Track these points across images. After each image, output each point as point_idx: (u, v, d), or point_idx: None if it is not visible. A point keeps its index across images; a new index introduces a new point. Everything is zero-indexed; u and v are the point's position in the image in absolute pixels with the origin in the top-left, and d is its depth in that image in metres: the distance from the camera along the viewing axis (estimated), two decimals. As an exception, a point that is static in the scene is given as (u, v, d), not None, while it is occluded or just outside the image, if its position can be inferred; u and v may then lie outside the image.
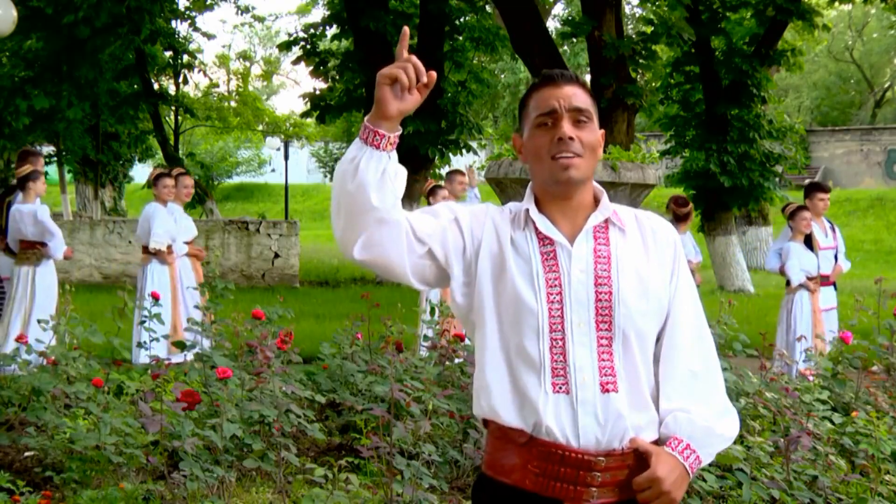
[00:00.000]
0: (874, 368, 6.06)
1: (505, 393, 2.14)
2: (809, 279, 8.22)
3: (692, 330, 2.22)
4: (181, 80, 25.63)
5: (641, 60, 16.90)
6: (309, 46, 19.39)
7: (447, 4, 17.33)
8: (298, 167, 41.74)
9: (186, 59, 24.03)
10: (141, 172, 31.79)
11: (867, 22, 44.15)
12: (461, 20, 18.62)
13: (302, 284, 17.04)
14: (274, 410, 4.66)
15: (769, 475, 4.35)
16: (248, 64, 40.39)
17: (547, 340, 2.11)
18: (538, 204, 2.23)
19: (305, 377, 6.26)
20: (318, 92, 19.80)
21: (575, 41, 24.14)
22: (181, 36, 23.69)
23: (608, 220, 2.22)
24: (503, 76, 37.84)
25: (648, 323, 2.16)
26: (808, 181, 31.57)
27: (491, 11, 19.38)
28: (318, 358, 6.81)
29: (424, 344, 6.71)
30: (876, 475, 4.47)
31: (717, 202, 17.42)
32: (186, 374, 5.78)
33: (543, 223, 2.19)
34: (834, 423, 4.92)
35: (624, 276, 2.15)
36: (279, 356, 5.09)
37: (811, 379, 5.85)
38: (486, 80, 20.10)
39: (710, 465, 4.35)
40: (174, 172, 9.26)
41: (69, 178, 27.34)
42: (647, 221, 2.26)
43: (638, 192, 8.76)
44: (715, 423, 2.18)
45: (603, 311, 2.13)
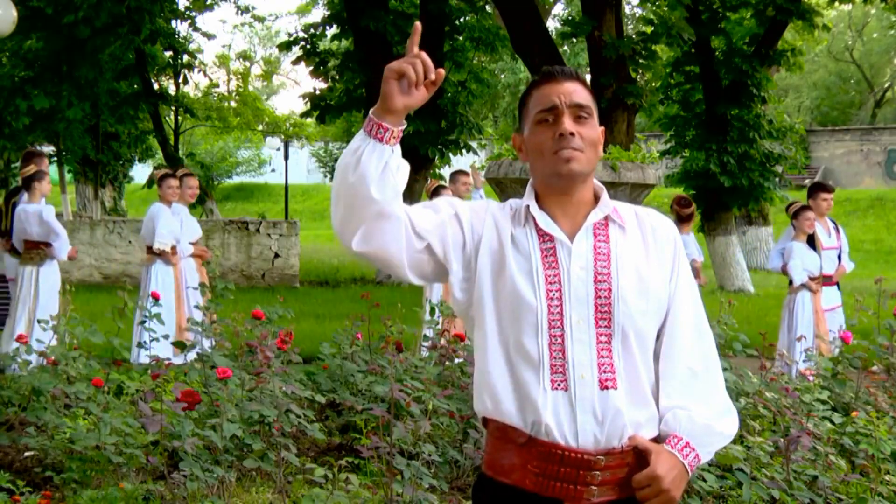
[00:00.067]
0: (874, 368, 6.06)
1: (504, 390, 2.14)
2: (812, 279, 8.21)
3: (692, 327, 2.22)
4: (181, 80, 25.64)
5: (641, 60, 16.91)
6: (309, 46, 19.40)
7: (447, 4, 17.33)
8: (298, 167, 41.74)
9: (186, 59, 24.03)
10: (141, 172, 31.83)
11: (867, 22, 44.16)
12: (461, 20, 18.63)
13: (302, 284, 17.04)
14: (274, 410, 4.66)
15: (769, 475, 4.35)
16: (248, 64, 40.39)
17: (546, 337, 2.11)
18: (539, 201, 2.23)
19: (305, 377, 6.26)
20: (318, 92, 19.81)
21: (575, 41, 24.14)
22: (181, 36, 23.69)
23: (608, 217, 2.22)
24: (503, 76, 37.84)
25: (648, 320, 2.16)
26: (808, 181, 31.57)
27: (491, 11, 19.38)
28: (318, 358, 6.81)
29: (425, 344, 6.71)
30: (876, 475, 4.47)
31: (717, 202, 17.43)
32: (186, 374, 5.77)
33: (544, 219, 2.19)
34: (834, 423, 4.91)
35: (623, 273, 2.15)
36: (279, 356, 5.09)
37: (811, 379, 5.85)
38: (486, 80, 20.12)
39: (710, 465, 4.36)
40: (179, 173, 9.26)
41: (69, 178, 27.35)
42: (647, 218, 2.26)
43: (638, 192, 8.76)
44: (714, 421, 2.18)
45: (602, 308, 2.12)
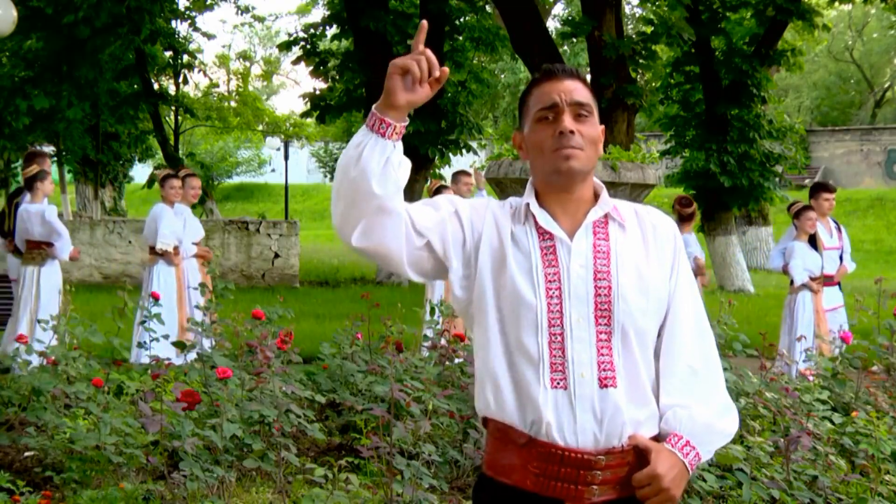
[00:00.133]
0: (874, 368, 6.06)
1: (505, 388, 2.14)
2: (813, 279, 8.20)
3: (692, 325, 2.22)
4: (181, 80, 25.64)
5: (641, 60, 16.91)
6: (309, 46, 19.39)
7: (447, 4, 17.34)
8: (298, 167, 41.75)
9: (186, 59, 24.03)
10: (141, 172, 31.85)
11: (867, 22, 44.16)
12: (461, 20, 18.64)
13: (302, 284, 17.04)
14: (274, 410, 4.66)
15: (769, 475, 4.35)
16: (248, 64, 40.40)
17: (546, 335, 2.11)
18: (539, 199, 2.22)
19: (305, 377, 6.26)
20: (318, 92, 19.81)
21: (575, 41, 24.13)
22: (181, 36, 23.69)
23: (608, 215, 2.22)
24: (503, 76, 37.84)
25: (648, 318, 2.16)
26: (808, 181, 31.53)
27: (491, 11, 19.38)
28: (318, 358, 6.81)
29: (425, 344, 6.71)
30: (876, 475, 4.47)
31: (717, 202, 17.44)
32: (186, 374, 5.77)
33: (544, 217, 2.19)
34: (834, 423, 4.91)
35: (623, 271, 2.15)
36: (279, 356, 5.09)
37: (811, 379, 5.85)
38: (486, 80, 20.13)
39: (710, 464, 4.36)
40: (181, 174, 9.27)
41: (69, 178, 27.35)
42: (647, 217, 2.25)
43: (638, 191, 8.75)
44: (715, 419, 2.17)
45: (602, 306, 2.12)
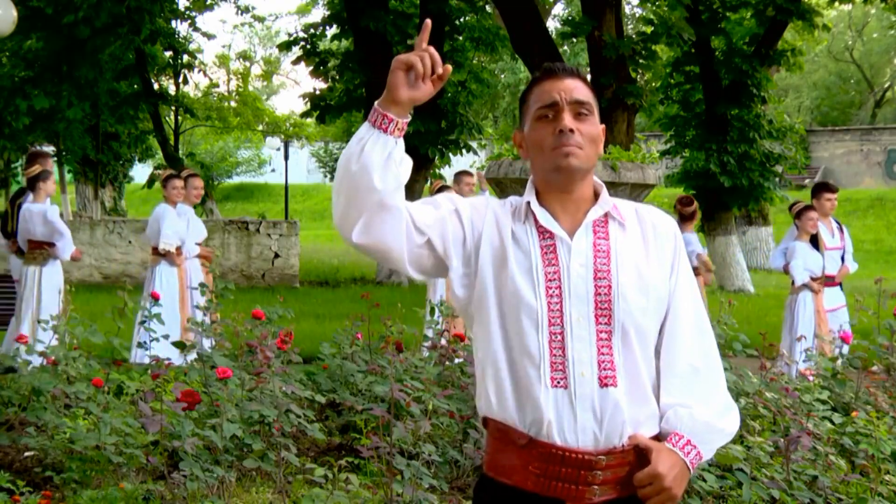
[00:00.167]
0: (874, 368, 6.06)
1: (505, 387, 2.13)
2: (814, 279, 8.18)
3: (693, 324, 2.22)
4: (181, 80, 25.65)
5: (641, 60, 16.91)
6: (309, 46, 19.39)
7: (447, 4, 17.33)
8: (298, 167, 41.75)
9: (186, 59, 24.03)
10: (141, 172, 31.86)
11: (867, 22, 44.16)
12: (461, 20, 18.63)
13: (302, 284, 17.04)
14: (274, 410, 4.66)
15: (769, 475, 4.35)
16: (248, 64, 40.40)
17: (546, 334, 2.11)
18: (539, 197, 2.22)
19: (305, 377, 6.25)
20: (318, 92, 19.81)
21: (575, 41, 24.13)
22: (181, 36, 23.69)
23: (608, 214, 2.22)
24: (503, 76, 37.83)
25: (648, 317, 2.16)
26: (808, 181, 31.45)
27: (491, 11, 19.38)
28: (318, 358, 6.81)
29: (426, 345, 6.71)
30: (876, 475, 4.47)
31: (717, 202, 17.44)
32: (186, 374, 5.77)
33: (544, 216, 2.19)
34: (834, 423, 4.91)
35: (623, 270, 2.15)
36: (279, 356, 5.09)
37: (811, 379, 5.85)
38: (486, 80, 20.12)
39: (710, 464, 4.36)
40: (184, 174, 9.27)
41: (69, 178, 27.35)
42: (647, 216, 2.25)
43: (638, 191, 8.75)
44: (715, 418, 2.17)
45: (602, 305, 2.12)
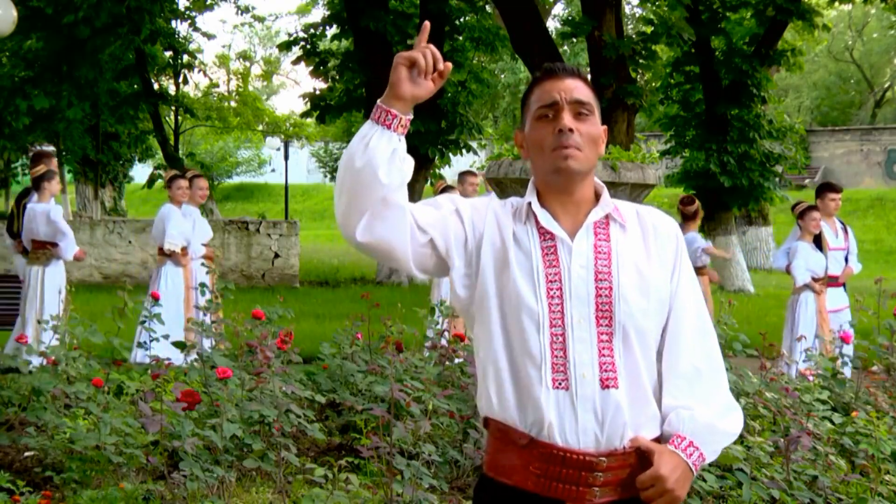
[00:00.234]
0: (874, 368, 6.06)
1: (507, 387, 2.13)
2: (816, 280, 8.14)
3: (695, 325, 2.21)
4: (181, 80, 25.64)
5: (641, 60, 16.90)
6: (309, 46, 19.38)
7: (447, 4, 17.33)
8: (298, 167, 41.74)
9: (186, 59, 24.03)
10: (141, 172, 31.84)
11: (867, 22, 44.15)
12: (461, 20, 18.62)
13: (302, 284, 17.04)
14: (274, 410, 4.66)
15: (769, 475, 4.35)
16: (248, 64, 40.39)
17: (547, 336, 2.11)
18: (540, 198, 2.22)
19: (305, 377, 6.25)
20: (318, 92, 19.80)
21: (575, 41, 24.11)
22: (181, 36, 23.68)
23: (609, 215, 2.22)
24: (503, 76, 37.82)
25: (649, 319, 2.15)
26: (808, 181, 31.34)
27: (491, 11, 19.37)
28: (318, 358, 6.81)
29: (427, 345, 6.71)
30: (876, 475, 4.47)
31: (717, 202, 17.43)
32: (186, 374, 5.77)
33: (545, 217, 2.19)
34: (834, 423, 4.91)
35: (624, 271, 2.15)
36: (279, 356, 5.09)
37: (811, 379, 5.85)
38: (486, 80, 20.11)
39: (710, 464, 4.36)
40: (189, 174, 9.28)
41: (69, 178, 27.35)
42: (648, 217, 2.25)
43: (638, 192, 8.73)
44: (718, 419, 2.17)
45: (603, 306, 2.12)
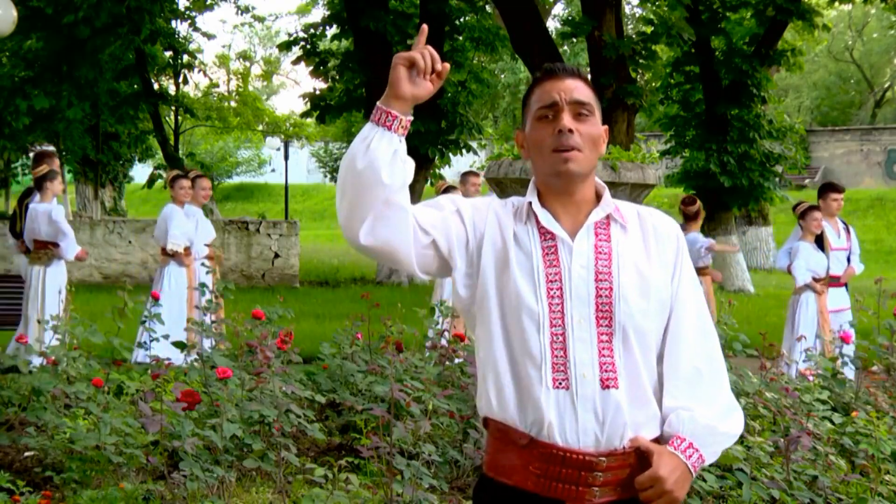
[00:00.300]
0: (874, 368, 6.06)
1: (507, 387, 2.14)
2: (817, 280, 8.12)
3: (696, 326, 2.21)
4: (181, 80, 25.63)
5: (641, 60, 16.89)
6: (309, 46, 19.38)
7: (447, 4, 17.32)
8: (298, 167, 41.74)
9: (186, 59, 24.02)
10: (141, 172, 31.84)
11: (867, 22, 44.15)
12: (461, 20, 18.62)
13: (302, 284, 17.04)
14: (274, 410, 4.66)
15: (769, 475, 4.35)
16: (248, 64, 40.37)
17: (547, 335, 2.11)
18: (541, 198, 2.23)
19: (305, 377, 6.25)
20: (318, 92, 19.79)
21: (575, 41, 24.11)
22: (181, 36, 23.67)
23: (610, 216, 2.22)
24: (503, 76, 37.82)
25: (649, 320, 2.15)
26: (808, 181, 31.28)
27: (491, 11, 19.37)
28: (318, 358, 6.81)
29: (428, 345, 6.71)
30: (876, 475, 4.47)
31: (717, 202, 17.43)
32: (186, 374, 5.77)
33: (545, 217, 2.19)
34: (834, 423, 4.91)
35: (625, 272, 2.15)
36: (279, 356, 5.09)
37: (811, 379, 5.85)
38: (486, 80, 20.10)
39: (710, 464, 4.35)
40: (191, 174, 9.29)
41: (69, 178, 27.35)
42: (649, 218, 2.25)
43: (638, 192, 8.74)
44: (718, 421, 2.17)
45: (603, 307, 2.12)
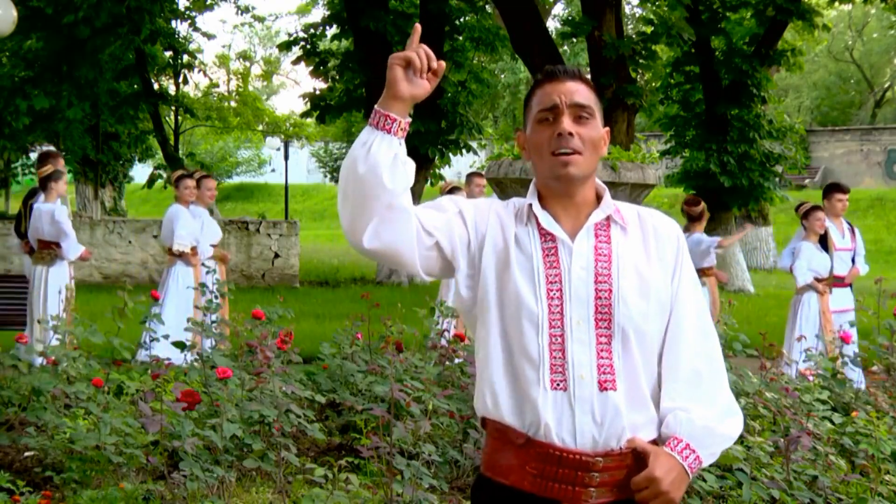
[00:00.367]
0: (874, 368, 6.06)
1: (504, 388, 2.14)
2: (819, 280, 8.11)
3: (696, 328, 2.21)
4: (181, 80, 25.63)
5: (641, 60, 16.89)
6: (309, 46, 19.38)
7: (447, 4, 17.32)
8: (298, 167, 41.76)
9: (186, 59, 24.02)
10: (141, 172, 31.83)
11: (867, 22, 44.15)
12: (461, 20, 18.62)
13: (302, 284, 17.04)
14: (274, 410, 4.66)
15: (769, 475, 4.35)
16: (248, 64, 40.37)
17: (546, 337, 2.11)
18: (541, 200, 2.23)
19: (305, 377, 6.25)
20: (318, 92, 19.79)
21: (575, 41, 24.12)
22: (181, 36, 23.68)
23: (610, 217, 2.22)
24: (503, 76, 37.83)
25: (648, 321, 2.15)
26: (808, 181, 31.23)
27: (491, 11, 19.37)
28: (318, 358, 6.81)
29: (428, 345, 6.71)
30: (876, 475, 4.47)
31: (717, 202, 17.42)
32: (186, 374, 5.77)
33: (546, 219, 2.19)
34: (834, 423, 4.91)
35: (624, 274, 2.15)
36: (279, 356, 5.09)
37: (811, 379, 5.85)
38: (486, 80, 20.11)
39: (710, 464, 4.36)
40: (196, 175, 9.30)
41: (69, 178, 27.35)
42: (649, 219, 2.25)
43: (638, 192, 8.74)
44: (716, 422, 2.16)
45: (602, 308, 2.12)
